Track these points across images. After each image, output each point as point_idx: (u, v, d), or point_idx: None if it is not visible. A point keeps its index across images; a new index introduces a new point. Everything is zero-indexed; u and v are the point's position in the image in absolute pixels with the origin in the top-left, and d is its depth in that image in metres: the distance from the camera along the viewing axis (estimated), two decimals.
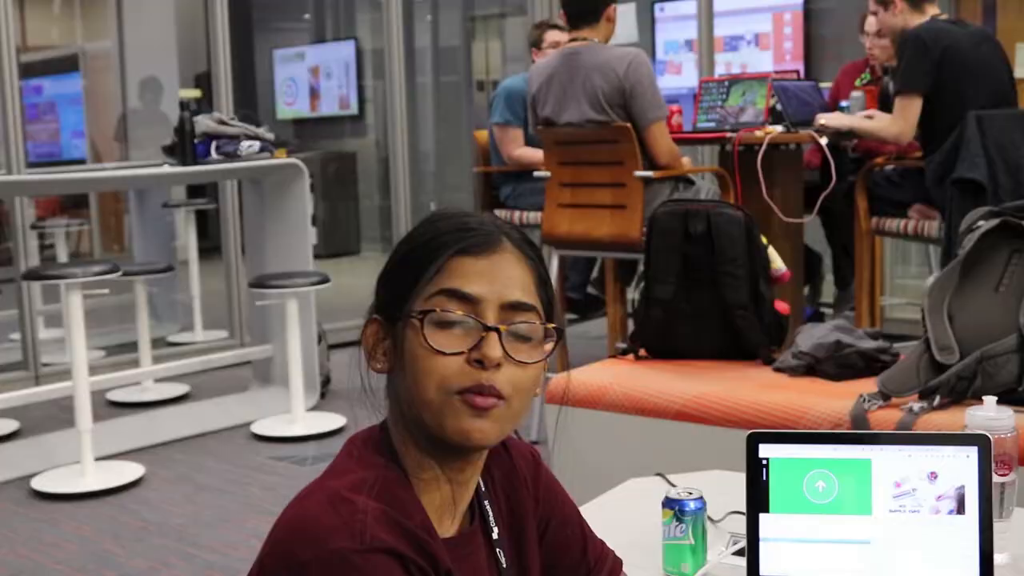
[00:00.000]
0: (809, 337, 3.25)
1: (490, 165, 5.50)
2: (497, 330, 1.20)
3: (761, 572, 1.77)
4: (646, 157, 4.25)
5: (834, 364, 3.16)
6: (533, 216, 5.01)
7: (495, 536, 1.31)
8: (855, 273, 4.67)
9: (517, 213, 5.18)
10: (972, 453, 1.73)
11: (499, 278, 1.22)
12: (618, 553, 1.84)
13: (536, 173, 4.65)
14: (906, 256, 6.49)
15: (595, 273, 5.49)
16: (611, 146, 4.24)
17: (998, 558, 1.86)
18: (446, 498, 1.25)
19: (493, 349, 1.19)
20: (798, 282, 4.84)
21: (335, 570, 1.11)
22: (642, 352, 3.53)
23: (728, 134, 4.49)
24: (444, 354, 1.19)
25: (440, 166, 10.64)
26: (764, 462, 1.78)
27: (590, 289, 5.45)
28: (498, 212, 5.25)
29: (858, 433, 1.80)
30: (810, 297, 5.40)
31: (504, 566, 1.31)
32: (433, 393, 1.19)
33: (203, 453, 4.67)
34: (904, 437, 1.77)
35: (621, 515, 2.16)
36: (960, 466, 1.73)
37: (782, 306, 3.50)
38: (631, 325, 3.82)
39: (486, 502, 1.32)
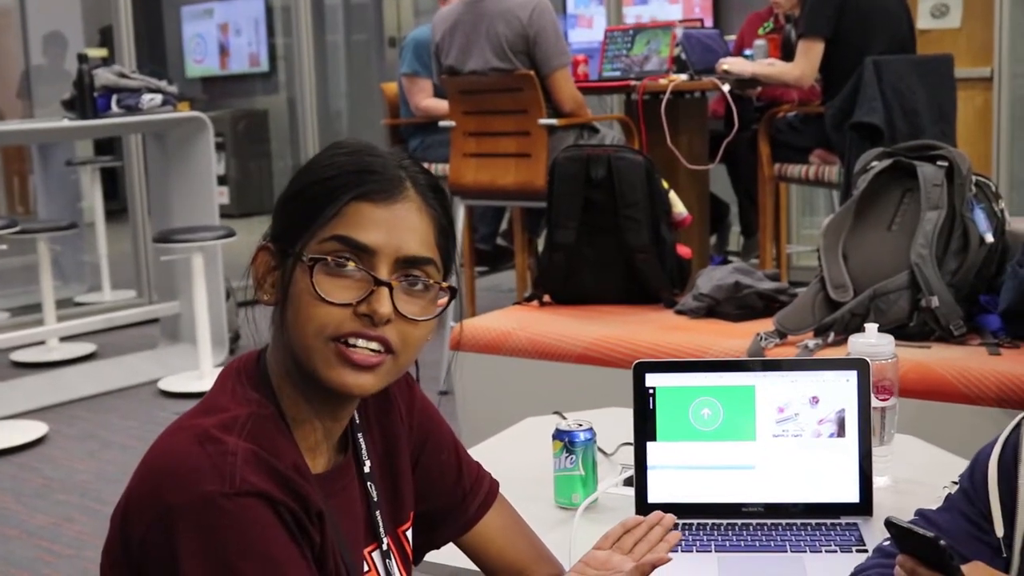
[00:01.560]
0: (709, 279, 3.28)
1: (399, 117, 5.46)
2: (389, 285, 1.15)
3: (649, 499, 1.80)
4: (550, 105, 4.25)
5: (733, 305, 3.20)
6: (442, 168, 4.98)
7: (367, 469, 1.30)
8: (759, 219, 4.72)
9: (426, 165, 5.14)
10: (852, 377, 1.77)
11: (398, 229, 1.17)
12: (512, 487, 1.85)
13: (441, 123, 4.63)
14: (814, 206, 6.57)
15: (504, 225, 5.49)
16: (515, 94, 4.23)
17: (880, 481, 1.91)
18: (319, 434, 1.23)
19: (383, 305, 1.15)
20: (704, 230, 4.89)
21: (203, 514, 1.09)
22: (546, 298, 3.55)
23: (633, 83, 4.50)
24: (331, 304, 1.15)
25: (353, 123, 10.54)
26: (651, 391, 1.80)
27: (500, 240, 5.44)
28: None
29: (742, 360, 1.82)
30: (717, 246, 5.46)
31: (375, 499, 1.31)
32: (312, 339, 1.16)
33: (108, 411, 4.61)
34: (786, 363, 1.80)
35: (517, 451, 2.18)
36: (840, 390, 1.77)
37: (684, 250, 3.53)
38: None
39: (360, 435, 1.31)
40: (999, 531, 1.43)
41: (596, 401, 2.36)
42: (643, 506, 1.79)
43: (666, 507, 1.76)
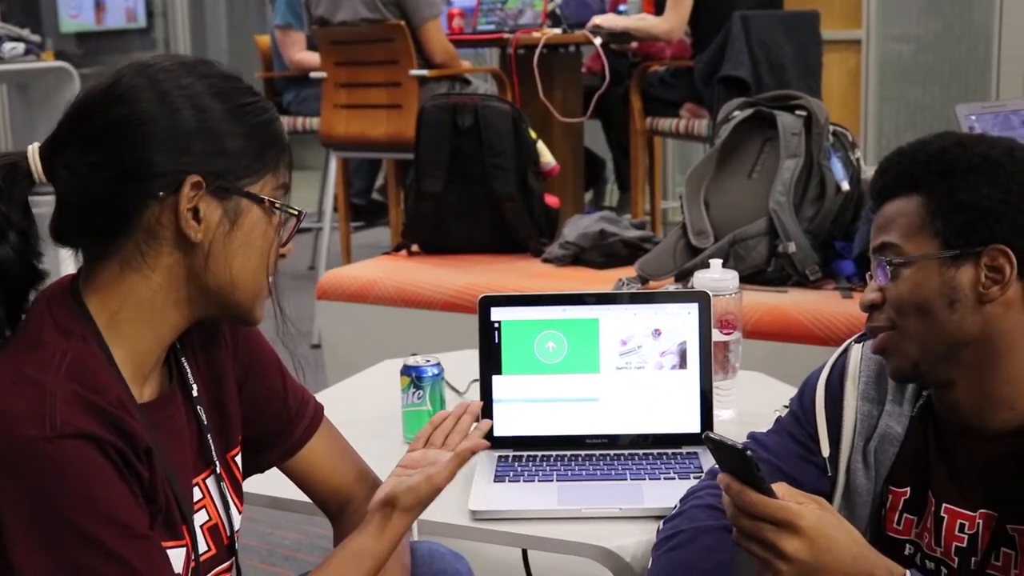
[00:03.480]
0: (575, 227, 3.30)
1: (272, 70, 5.36)
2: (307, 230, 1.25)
3: (496, 433, 1.80)
4: (422, 56, 4.23)
5: (599, 253, 3.23)
6: (316, 122, 4.91)
7: (195, 394, 1.28)
8: (631, 173, 4.76)
9: (300, 119, 5.07)
10: (693, 310, 1.80)
11: None
12: (362, 426, 1.85)
13: (312, 74, 4.57)
14: (690, 162, 6.66)
15: (381, 180, 5.45)
16: (386, 45, 4.20)
17: (725, 414, 1.95)
18: (145, 363, 1.21)
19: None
20: (579, 185, 4.91)
21: (24, 460, 1.05)
22: (414, 248, 3.53)
23: (506, 36, 4.49)
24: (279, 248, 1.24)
25: None
26: (496, 325, 1.81)
27: (376, 195, 5.41)
28: (282, 119, 5.13)
29: (585, 294, 1.83)
30: (594, 201, 5.50)
31: (205, 423, 1.29)
32: (263, 279, 1.23)
33: None
34: (629, 297, 1.82)
35: (370, 391, 2.17)
36: (682, 323, 1.80)
37: (552, 200, 3.54)
38: None
39: (183, 360, 1.29)
40: (825, 451, 1.47)
41: (460, 347, 2.36)
42: (489, 439, 1.78)
43: (512, 440, 1.80)
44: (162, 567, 1.15)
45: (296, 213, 1.24)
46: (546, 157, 3.51)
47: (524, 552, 1.99)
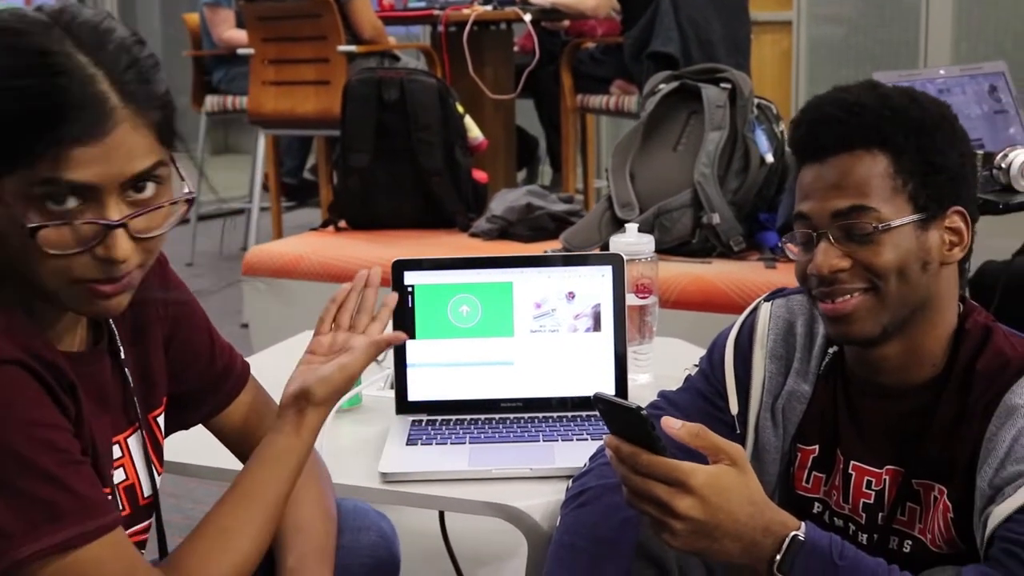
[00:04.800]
0: (502, 201, 3.30)
1: (201, 49, 5.30)
2: (124, 225, 1.05)
3: (410, 398, 1.79)
4: (350, 32, 4.20)
5: (526, 226, 3.23)
6: (246, 101, 4.86)
7: (122, 355, 1.26)
8: (562, 150, 4.76)
9: (230, 98, 5.02)
10: (607, 272, 1.79)
11: (116, 158, 1.04)
12: (276, 391, 1.83)
13: (240, 51, 4.52)
14: None
15: (313, 160, 5.40)
16: (314, 20, 4.16)
17: (642, 378, 1.95)
18: (64, 320, 1.18)
19: (120, 249, 1.06)
20: (511, 163, 4.90)
21: None
22: (342, 224, 3.51)
23: (436, 12, 4.47)
24: (63, 255, 1.05)
25: (168, 61, 10.22)
26: (409, 289, 1.79)
27: (307, 174, 5.37)
28: (211, 98, 5.08)
29: (499, 257, 1.83)
30: (527, 180, 5.49)
31: (131, 384, 1.26)
32: (53, 283, 1.07)
33: None
34: (543, 259, 1.81)
35: (290, 361, 2.14)
36: (596, 285, 1.79)
37: (480, 174, 3.54)
38: None
39: (110, 319, 1.26)
40: (733, 409, 1.48)
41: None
42: (403, 404, 1.79)
43: (426, 404, 1.79)
44: (99, 492, 1.12)
45: (35, 227, 1.03)
46: (474, 132, 3.50)
47: (441, 519, 1.98)
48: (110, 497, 1.19)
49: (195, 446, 1.48)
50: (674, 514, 1.14)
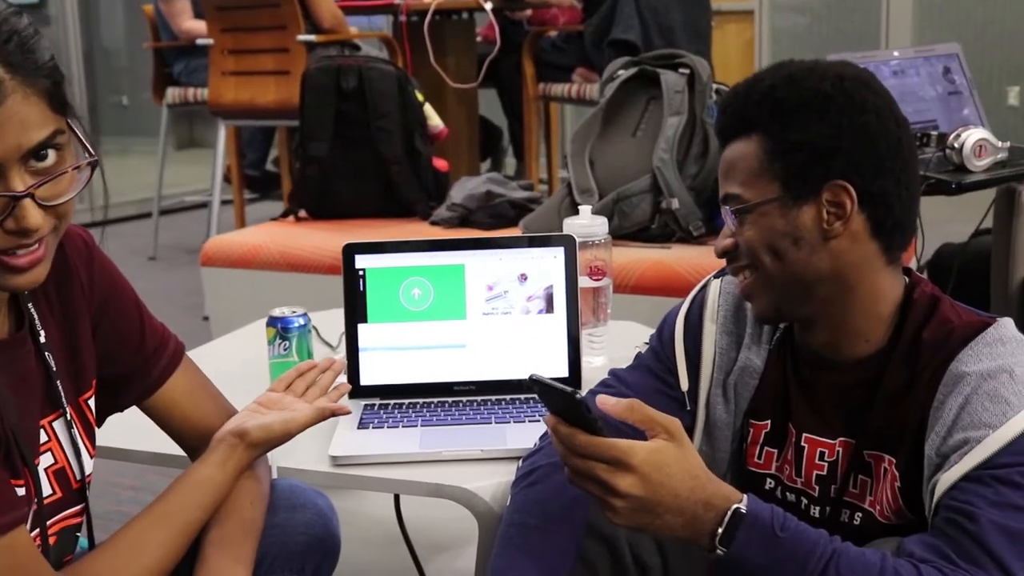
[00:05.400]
0: (462, 189, 3.29)
1: (160, 40, 5.25)
2: (31, 195, 1.06)
3: (362, 381, 1.78)
4: (309, 21, 4.17)
5: (486, 214, 3.21)
6: (207, 92, 4.83)
7: (43, 340, 1.24)
8: (525, 139, 4.75)
9: (192, 90, 4.98)
10: (559, 254, 1.79)
11: (10, 130, 1.04)
12: (232, 380, 1.81)
13: (199, 41, 4.49)
14: None
15: (276, 152, 5.37)
16: (273, 10, 4.13)
17: (597, 360, 1.95)
18: None
19: (32, 218, 1.07)
20: (475, 153, 4.89)
21: None
22: (302, 214, 3.49)
23: (397, 1, 4.44)
24: None
25: (130, 53, 10.14)
26: (361, 273, 1.78)
27: (270, 166, 5.33)
28: (172, 90, 5.04)
29: (450, 240, 1.82)
30: (492, 170, 5.46)
31: (54, 368, 1.25)
32: None
33: None
34: (495, 241, 1.80)
35: (244, 347, 2.13)
36: (548, 267, 1.79)
37: (441, 163, 3.52)
38: None
39: (30, 304, 1.25)
40: (684, 385, 1.48)
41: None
42: (356, 389, 1.77)
43: (378, 388, 1.78)
44: (8, 491, 1.12)
45: None
46: (434, 120, 3.49)
47: (397, 506, 1.97)
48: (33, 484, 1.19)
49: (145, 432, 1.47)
50: (615, 492, 1.14)
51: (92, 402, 1.32)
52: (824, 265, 1.30)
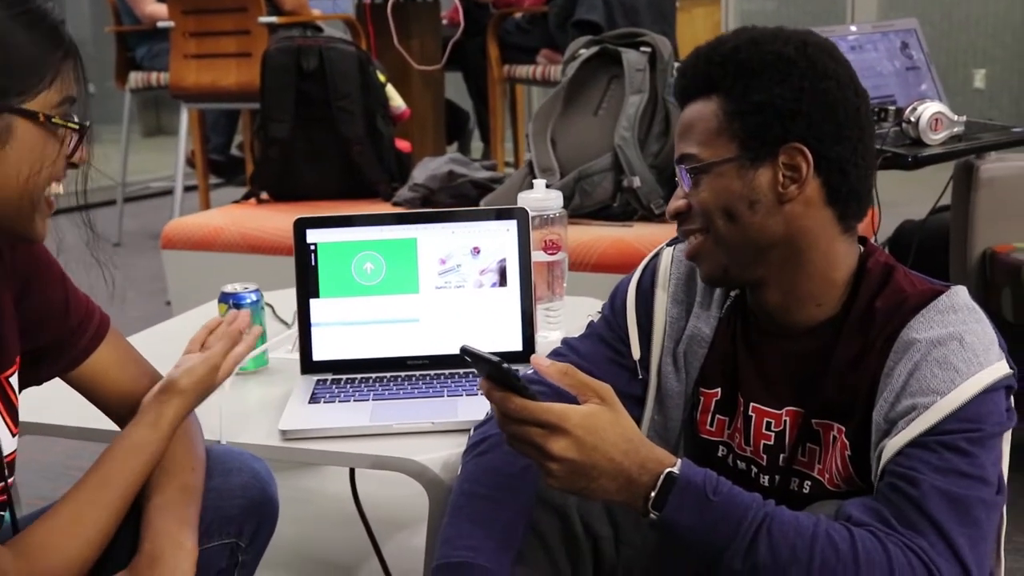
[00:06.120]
0: (425, 169, 3.27)
1: (122, 24, 5.20)
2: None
3: (314, 357, 1.77)
4: (271, 3, 4.14)
5: (448, 194, 3.20)
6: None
7: None
8: (490, 122, 4.74)
9: (155, 74, 4.94)
10: (512, 227, 1.78)
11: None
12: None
13: (160, 23, 4.45)
14: None
15: (241, 137, 5.34)
16: None
17: (553, 335, 1.94)
18: None
19: (82, 150, 1.19)
20: (441, 136, 4.87)
21: None
22: (264, 196, 3.47)
23: None
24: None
25: (98, 47, 10.07)
26: (312, 247, 1.77)
27: (235, 151, 5.30)
28: (135, 75, 5.00)
29: (402, 213, 1.81)
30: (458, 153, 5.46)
31: None
32: (39, 195, 1.16)
33: None
34: (447, 215, 1.79)
35: (198, 326, 2.11)
36: (501, 240, 1.78)
37: (403, 144, 3.51)
38: None
39: None
40: (636, 354, 1.47)
41: None
42: (308, 364, 1.76)
43: (331, 364, 1.76)
44: None
45: (78, 127, 1.18)
46: (396, 101, 3.47)
47: (352, 482, 1.96)
48: None
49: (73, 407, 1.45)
50: (550, 456, 1.14)
51: (15, 379, 1.30)
52: (778, 229, 1.29)
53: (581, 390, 1.17)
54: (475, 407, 1.58)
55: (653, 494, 1.15)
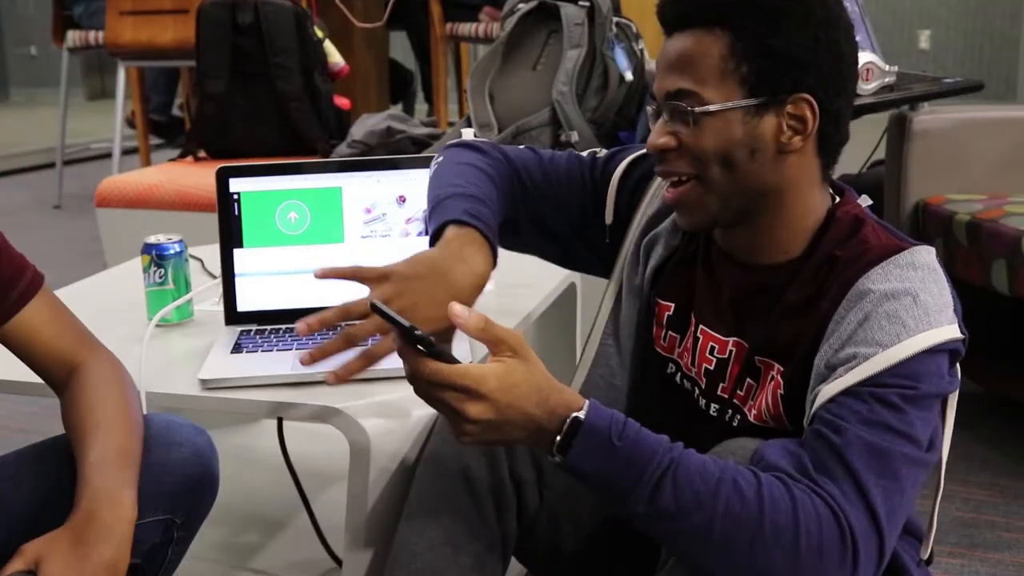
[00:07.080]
0: (363, 126, 3.24)
1: None
2: None
3: (239, 307, 1.75)
4: None
5: (386, 151, 3.17)
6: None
7: None
8: (433, 80, 4.70)
9: (92, 33, 4.86)
10: None
11: None
12: (110, 312, 1.78)
13: None
14: None
15: (182, 97, 5.27)
16: None
17: (486, 286, 1.92)
18: None
19: None
20: (384, 96, 4.84)
21: None
22: (202, 154, 3.42)
23: None
24: None
25: (41, 8, 9.90)
26: (235, 197, 1.74)
27: (176, 111, 5.23)
28: (72, 33, 4.92)
29: (326, 161, 1.78)
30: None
31: None
32: None
33: None
34: (372, 163, 1.77)
35: (128, 279, 2.08)
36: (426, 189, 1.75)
37: (343, 101, 3.47)
38: None
39: None
40: (608, 217, 1.51)
41: None
42: (233, 315, 1.74)
43: (256, 315, 1.74)
44: None
45: None
46: (334, 57, 3.43)
47: (280, 435, 1.94)
48: None
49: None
50: (467, 419, 1.13)
51: None
52: (771, 179, 1.27)
53: (495, 344, 1.15)
54: (398, 357, 1.56)
55: (559, 439, 1.14)
